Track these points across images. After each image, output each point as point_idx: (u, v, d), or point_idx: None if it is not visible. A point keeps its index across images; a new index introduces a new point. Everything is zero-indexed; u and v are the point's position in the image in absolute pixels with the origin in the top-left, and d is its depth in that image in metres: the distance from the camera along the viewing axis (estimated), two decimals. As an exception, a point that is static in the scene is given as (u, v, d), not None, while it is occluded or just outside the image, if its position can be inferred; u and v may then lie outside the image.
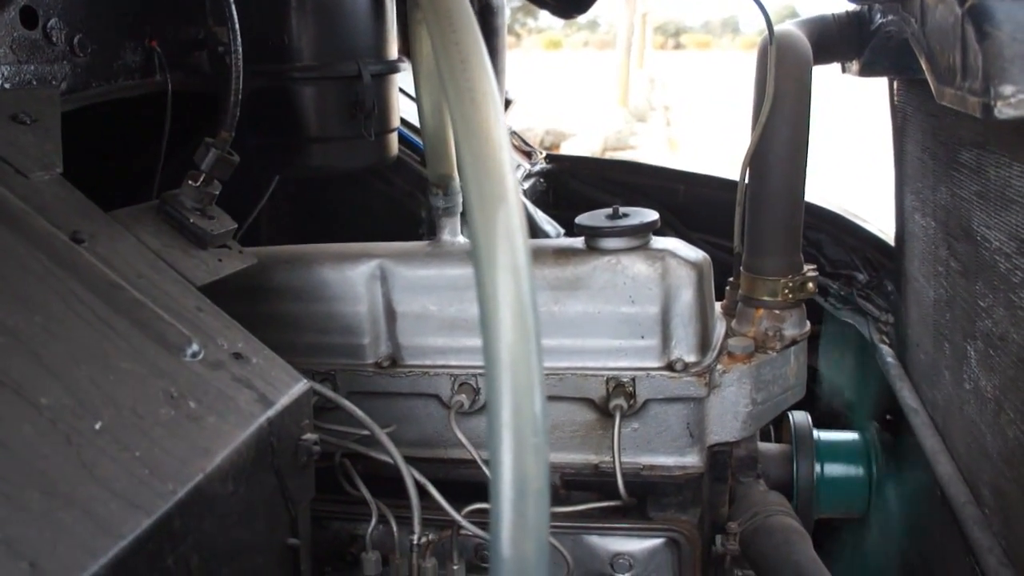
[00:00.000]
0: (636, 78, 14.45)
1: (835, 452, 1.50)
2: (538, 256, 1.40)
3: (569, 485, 1.44)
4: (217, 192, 1.29)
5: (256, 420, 1.02)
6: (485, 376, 0.76)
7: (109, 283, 1.05)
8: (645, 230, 1.36)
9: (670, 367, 1.35)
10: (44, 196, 1.11)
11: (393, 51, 1.80)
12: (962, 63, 0.95)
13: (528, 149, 2.71)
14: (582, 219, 1.40)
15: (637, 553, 1.43)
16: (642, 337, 1.36)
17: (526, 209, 2.19)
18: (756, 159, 1.39)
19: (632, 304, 1.35)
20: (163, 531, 0.83)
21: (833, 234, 2.20)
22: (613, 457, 1.32)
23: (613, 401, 1.33)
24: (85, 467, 0.83)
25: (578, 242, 1.42)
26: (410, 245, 1.49)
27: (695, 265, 1.35)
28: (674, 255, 1.35)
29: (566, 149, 11.11)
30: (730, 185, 2.43)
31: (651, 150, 10.89)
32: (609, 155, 11.87)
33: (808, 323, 1.48)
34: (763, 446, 1.54)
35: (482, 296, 0.79)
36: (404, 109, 1.86)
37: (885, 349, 1.86)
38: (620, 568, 1.43)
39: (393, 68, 1.76)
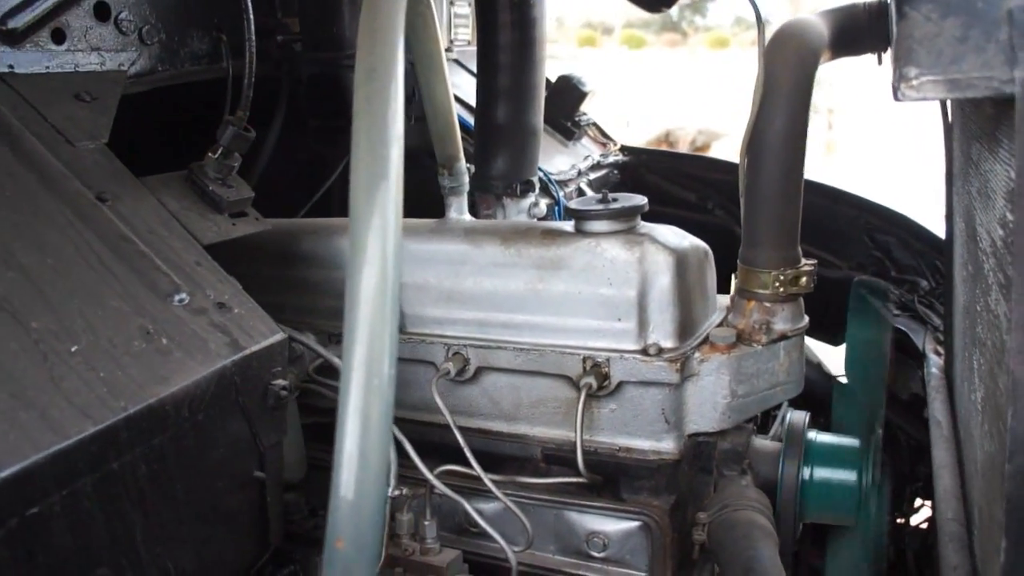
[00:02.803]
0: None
1: (827, 456, 1.45)
2: (526, 235, 1.46)
3: (549, 460, 1.49)
4: (236, 164, 1.44)
5: (221, 360, 1.15)
6: (344, 323, 0.86)
7: (119, 235, 1.23)
8: (627, 214, 1.39)
9: (644, 351, 1.37)
10: (84, 162, 1.31)
11: (438, 40, 1.90)
12: (893, 45, 0.92)
13: (604, 140, 2.74)
14: (573, 203, 1.44)
15: (612, 534, 1.45)
16: (619, 319, 1.38)
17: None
18: (751, 149, 1.37)
19: (610, 286, 1.38)
20: (108, 439, 0.98)
21: (902, 238, 2.09)
22: (575, 433, 1.36)
23: (584, 379, 1.37)
24: (52, 381, 0.99)
25: (568, 225, 1.46)
26: (418, 221, 1.59)
27: (675, 251, 1.36)
28: (654, 241, 1.37)
29: (716, 150, 10.82)
30: (813, 187, 2.37)
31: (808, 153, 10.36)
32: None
33: (805, 319, 1.44)
34: (759, 443, 1.52)
35: (351, 257, 0.88)
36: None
37: (934, 359, 1.76)
38: (594, 547, 1.47)
39: (437, 56, 1.87)
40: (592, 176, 2.49)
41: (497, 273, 1.46)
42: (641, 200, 1.42)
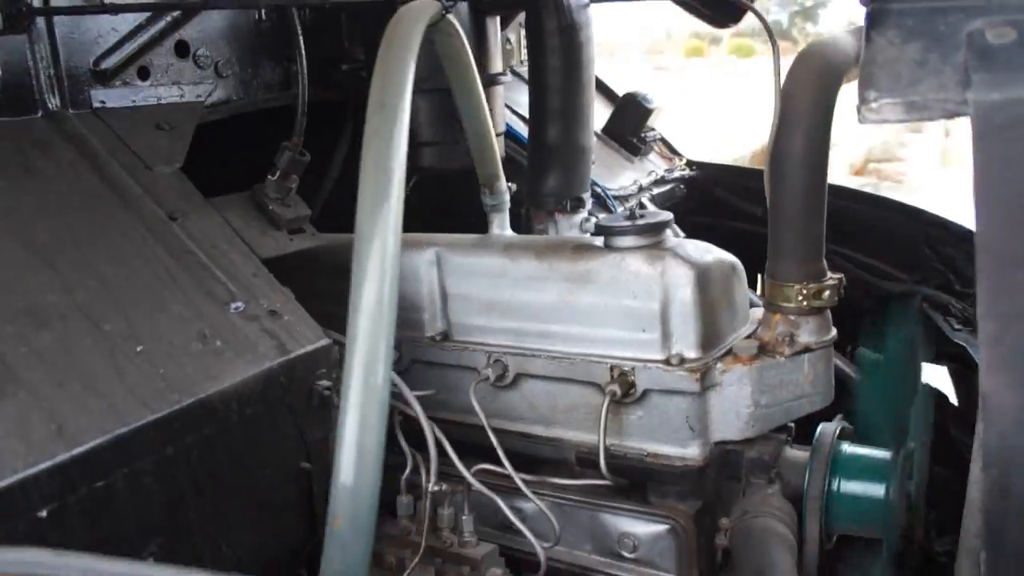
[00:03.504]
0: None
1: (856, 468, 1.45)
2: (558, 250, 1.54)
3: (582, 463, 1.57)
4: (294, 185, 1.60)
5: (269, 362, 1.30)
6: (347, 330, 0.98)
7: (184, 249, 1.40)
8: (651, 230, 1.45)
9: (667, 360, 1.43)
10: (159, 184, 1.49)
11: (493, 66, 2.02)
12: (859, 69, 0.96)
13: (671, 156, 2.78)
14: (603, 219, 1.52)
15: (642, 536, 1.52)
16: (643, 330, 1.45)
17: None
18: (773, 166, 1.41)
19: (634, 299, 1.45)
20: (164, 426, 1.14)
21: (966, 251, 2.04)
22: (600, 437, 1.43)
23: (609, 386, 1.44)
24: (119, 375, 1.16)
25: (598, 240, 1.53)
26: (464, 236, 1.70)
27: (696, 265, 1.42)
28: (675, 255, 1.42)
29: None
30: (875, 200, 2.34)
31: (919, 164, 9.89)
32: (872, 167, 10.97)
33: (832, 331, 1.46)
34: (791, 452, 1.54)
35: (354, 271, 1.01)
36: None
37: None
38: (625, 547, 1.53)
39: (492, 80, 1.99)
40: (656, 191, 2.55)
41: (532, 286, 1.55)
42: (666, 216, 1.48)
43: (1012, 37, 0.84)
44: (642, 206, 2.45)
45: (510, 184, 1.72)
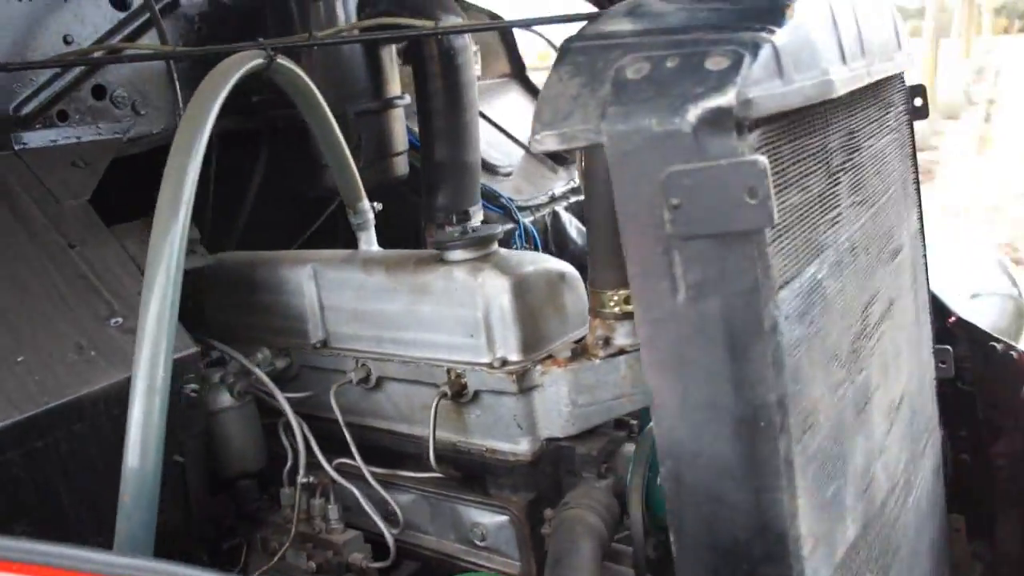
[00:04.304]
0: (959, 69, 12.68)
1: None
2: (403, 264, 1.68)
3: (438, 458, 1.70)
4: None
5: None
6: (136, 339, 1.14)
7: (78, 274, 1.59)
8: (476, 243, 1.58)
9: (491, 364, 1.55)
10: (65, 216, 1.69)
11: (389, 90, 2.17)
12: (536, 105, 1.07)
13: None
14: (437, 235, 1.65)
15: (488, 525, 1.64)
16: (471, 336, 1.58)
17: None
18: (585, 177, 1.51)
19: (462, 307, 1.58)
20: (32, 423, 1.32)
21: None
22: (430, 432, 1.56)
23: (442, 387, 1.57)
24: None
25: (436, 253, 1.67)
26: (336, 252, 1.86)
27: (514, 275, 1.54)
28: (495, 266, 1.55)
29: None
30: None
31: (954, 152, 9.57)
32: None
33: None
34: (627, 448, 1.64)
35: (144, 287, 1.17)
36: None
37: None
38: (476, 536, 1.66)
39: (387, 104, 2.14)
40: (572, 199, 2.65)
41: (384, 297, 1.70)
42: (494, 229, 1.60)
43: (646, 71, 0.95)
44: (555, 216, 2.56)
45: (374, 204, 1.87)
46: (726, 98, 0.87)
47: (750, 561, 0.98)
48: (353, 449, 1.65)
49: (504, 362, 1.54)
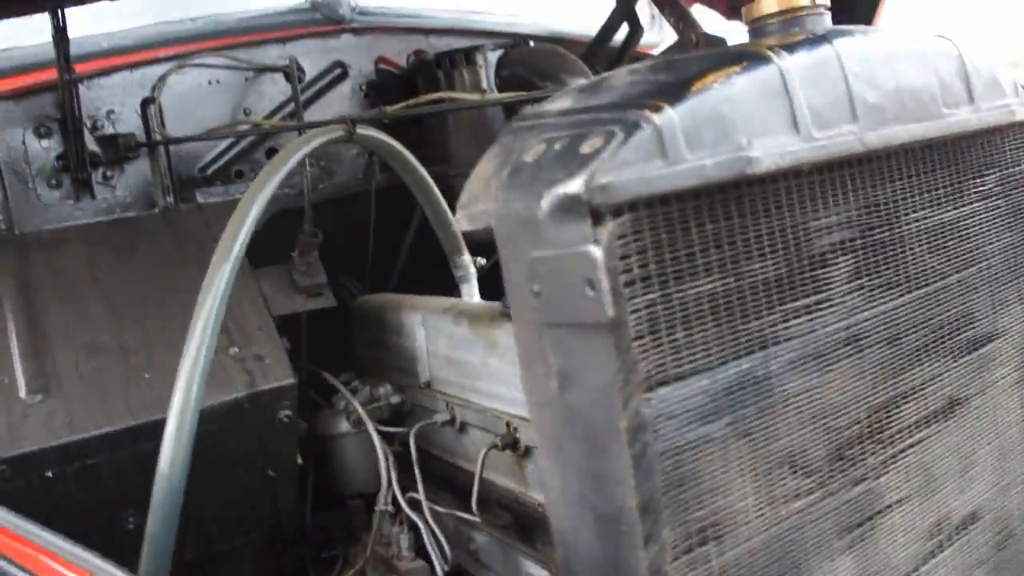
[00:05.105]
0: None
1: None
2: (481, 318, 1.76)
3: (501, 505, 1.75)
4: (313, 259, 2.02)
5: (236, 393, 1.74)
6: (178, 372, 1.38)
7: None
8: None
9: (538, 421, 1.56)
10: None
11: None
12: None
13: None
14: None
15: (537, 577, 1.66)
16: (525, 392, 1.60)
17: None
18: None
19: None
20: (140, 429, 1.63)
21: None
22: (475, 481, 1.62)
23: (496, 437, 1.63)
24: (124, 392, 1.69)
25: (506, 311, 1.71)
26: (443, 301, 1.98)
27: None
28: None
29: None
30: None
31: None
32: None
33: None
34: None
35: (192, 325, 1.41)
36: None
37: None
38: (533, 585, 1.69)
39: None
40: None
41: (467, 348, 1.79)
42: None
43: (540, 154, 0.94)
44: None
45: (476, 259, 1.97)
46: (575, 184, 0.85)
47: None
48: (419, 481, 1.76)
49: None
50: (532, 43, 2.38)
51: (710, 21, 2.51)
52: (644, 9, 2.67)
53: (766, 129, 0.93)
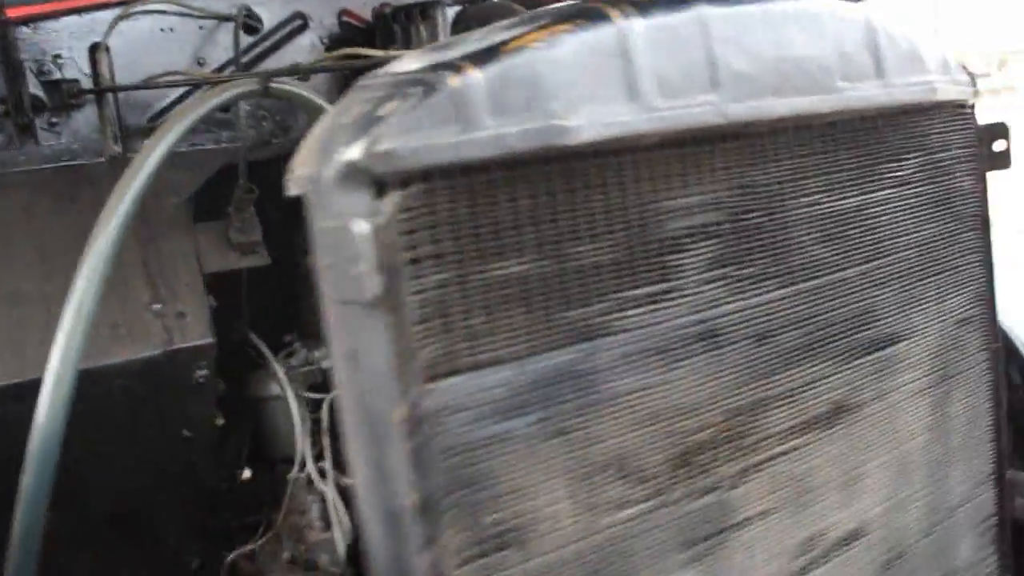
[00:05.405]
0: None
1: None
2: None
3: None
4: (249, 215, 1.96)
5: (152, 350, 1.71)
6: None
7: (142, 261, 1.87)
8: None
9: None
10: (159, 211, 1.99)
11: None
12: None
13: None
14: None
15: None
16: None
17: None
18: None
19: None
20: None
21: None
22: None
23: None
24: (41, 343, 1.67)
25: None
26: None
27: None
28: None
29: None
30: None
31: None
32: None
33: None
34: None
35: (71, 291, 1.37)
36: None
37: None
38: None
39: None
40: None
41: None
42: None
43: (356, 115, 0.85)
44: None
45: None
46: (355, 149, 0.76)
47: None
48: (327, 449, 1.71)
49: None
50: (491, -1, 2.26)
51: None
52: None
53: (595, 96, 0.83)
